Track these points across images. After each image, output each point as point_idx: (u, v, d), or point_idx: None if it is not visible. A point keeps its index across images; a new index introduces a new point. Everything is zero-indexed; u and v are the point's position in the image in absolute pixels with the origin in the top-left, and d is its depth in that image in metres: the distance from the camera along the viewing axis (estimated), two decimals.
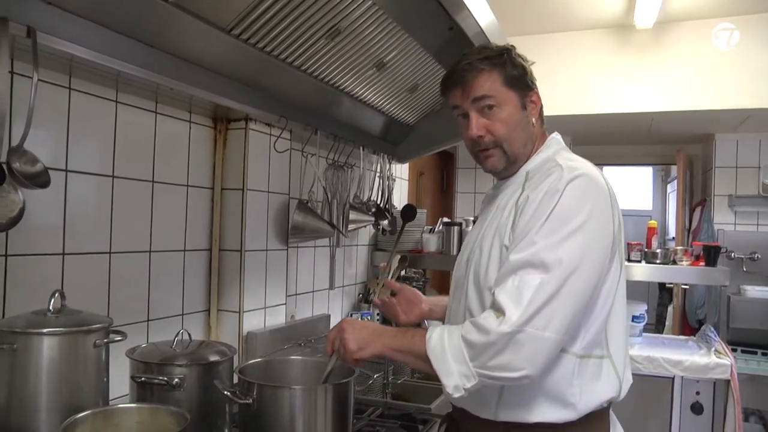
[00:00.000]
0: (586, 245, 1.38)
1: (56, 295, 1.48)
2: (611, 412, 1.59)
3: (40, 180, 1.48)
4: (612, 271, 1.48)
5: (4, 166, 1.38)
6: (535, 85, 1.63)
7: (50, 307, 1.47)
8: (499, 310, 1.35)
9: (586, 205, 1.40)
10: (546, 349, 1.33)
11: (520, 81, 1.58)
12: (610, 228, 1.44)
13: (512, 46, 1.63)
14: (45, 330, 1.40)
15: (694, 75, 4.32)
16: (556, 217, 1.39)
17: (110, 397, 1.61)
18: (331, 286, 3.16)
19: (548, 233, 1.38)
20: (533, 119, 1.61)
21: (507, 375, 1.34)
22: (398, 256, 3.62)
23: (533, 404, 1.46)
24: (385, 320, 3.58)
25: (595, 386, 1.47)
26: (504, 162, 1.62)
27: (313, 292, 3.07)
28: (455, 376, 1.38)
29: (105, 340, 1.51)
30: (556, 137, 1.67)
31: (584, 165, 1.50)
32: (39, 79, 1.42)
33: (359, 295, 3.62)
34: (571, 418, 1.45)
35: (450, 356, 1.39)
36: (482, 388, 1.47)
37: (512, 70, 1.57)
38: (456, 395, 1.39)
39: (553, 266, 1.34)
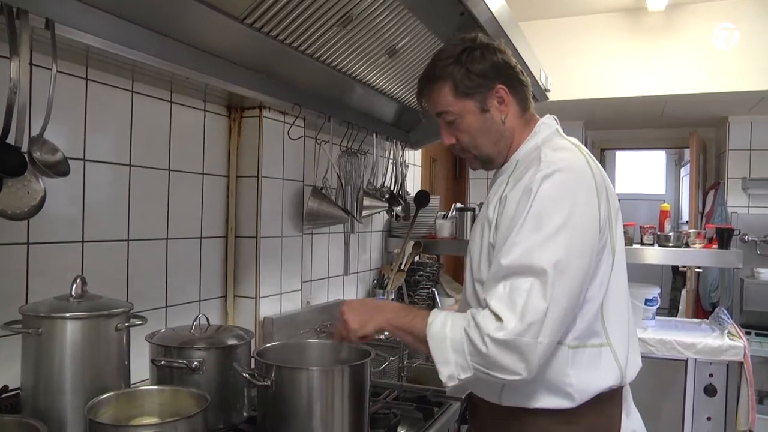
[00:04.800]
0: (569, 244, 1.36)
1: (78, 280, 1.51)
2: (626, 394, 1.59)
3: (60, 169, 1.51)
4: (603, 262, 1.47)
5: (26, 156, 1.41)
6: (507, 73, 1.57)
7: (72, 293, 1.50)
8: (495, 316, 1.36)
9: (563, 203, 1.39)
10: (541, 353, 1.34)
11: (477, 85, 1.54)
12: (595, 221, 1.42)
13: (476, 36, 1.58)
14: (68, 314, 1.44)
15: (707, 57, 4.30)
16: (534, 217, 1.38)
17: (131, 381, 1.65)
18: (346, 272, 3.19)
19: (528, 234, 1.37)
20: (502, 116, 1.57)
21: (503, 376, 1.36)
22: (412, 242, 3.65)
23: (533, 392, 1.48)
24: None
25: (592, 375, 1.47)
26: (479, 163, 1.66)
27: (327, 278, 3.10)
28: (452, 365, 1.40)
29: (126, 324, 1.55)
30: (546, 122, 1.63)
31: (565, 156, 1.47)
32: (57, 71, 1.44)
33: (374, 281, 3.64)
34: (569, 406, 1.46)
35: (449, 345, 1.41)
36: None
37: (465, 76, 1.53)
38: (450, 384, 1.42)
39: (540, 271, 1.34)
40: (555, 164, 1.42)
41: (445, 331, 1.43)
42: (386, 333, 2.85)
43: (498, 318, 1.35)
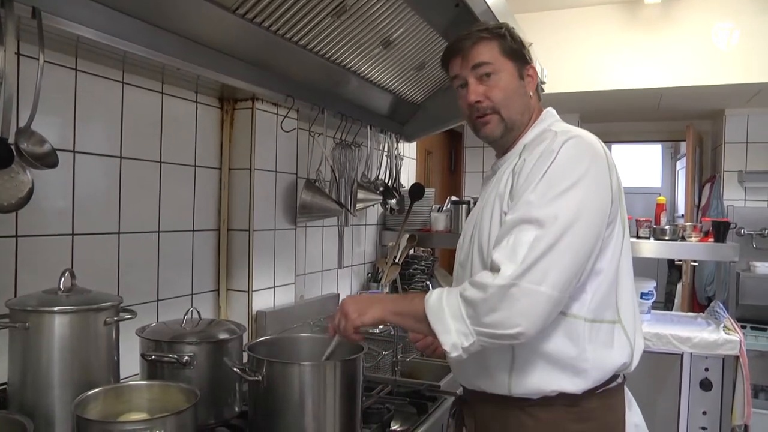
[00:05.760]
0: (582, 201, 1.38)
1: (66, 274, 1.49)
2: (626, 389, 1.60)
3: (48, 160, 1.49)
4: (614, 234, 1.48)
5: (13, 147, 1.39)
6: (533, 61, 1.67)
7: (61, 286, 1.48)
8: (494, 268, 1.36)
9: (581, 163, 1.41)
10: (542, 305, 1.32)
11: (518, 53, 1.62)
12: (608, 187, 1.44)
13: (512, 27, 1.67)
14: (56, 308, 1.42)
15: (704, 50, 4.28)
16: (551, 175, 1.39)
17: (121, 376, 1.63)
18: (340, 266, 3.17)
19: (543, 191, 1.38)
20: (530, 91, 1.64)
21: (503, 332, 1.33)
22: (406, 235, 3.62)
23: (545, 374, 1.46)
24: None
25: (607, 352, 1.47)
26: (501, 129, 1.62)
27: (321, 271, 3.08)
28: (453, 333, 1.38)
29: (115, 318, 1.52)
30: (551, 111, 1.69)
31: (579, 130, 1.52)
32: (45, 61, 1.42)
33: (368, 274, 3.62)
34: (584, 386, 1.45)
35: (448, 314, 1.40)
36: (493, 359, 1.48)
37: (511, 41, 1.60)
38: (454, 354, 1.39)
39: (548, 222, 1.34)
40: (572, 132, 1.48)
41: (442, 302, 1.42)
42: (380, 327, 2.86)
43: (497, 270, 1.35)
